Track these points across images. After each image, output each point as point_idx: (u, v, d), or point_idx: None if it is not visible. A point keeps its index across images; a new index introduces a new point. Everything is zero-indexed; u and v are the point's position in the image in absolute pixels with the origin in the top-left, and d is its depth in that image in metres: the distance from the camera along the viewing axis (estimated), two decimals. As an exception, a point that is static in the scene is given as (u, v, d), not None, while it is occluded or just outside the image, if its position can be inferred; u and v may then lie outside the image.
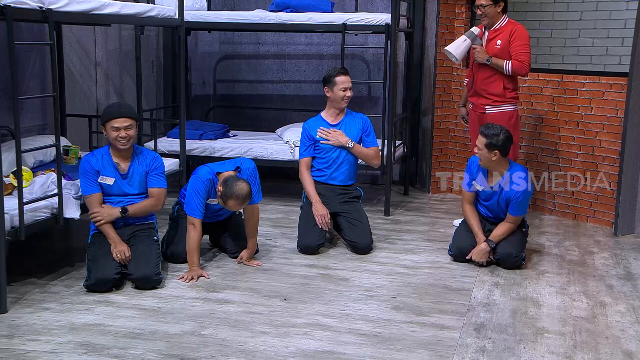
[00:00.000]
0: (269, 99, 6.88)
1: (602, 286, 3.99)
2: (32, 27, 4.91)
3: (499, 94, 4.77)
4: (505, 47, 4.68)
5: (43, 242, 4.53)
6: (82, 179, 3.82)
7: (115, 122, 3.76)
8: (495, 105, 4.80)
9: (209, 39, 6.88)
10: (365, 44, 6.28)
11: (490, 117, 4.76)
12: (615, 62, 5.36)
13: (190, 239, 3.94)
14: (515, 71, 4.68)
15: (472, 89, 4.94)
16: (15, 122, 3.40)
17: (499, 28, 4.74)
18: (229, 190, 3.86)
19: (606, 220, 5.22)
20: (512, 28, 4.69)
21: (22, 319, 3.34)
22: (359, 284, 3.92)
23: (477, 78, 4.84)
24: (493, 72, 4.75)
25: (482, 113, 4.86)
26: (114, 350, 3.02)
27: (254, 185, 4.09)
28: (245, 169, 4.13)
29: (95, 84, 5.78)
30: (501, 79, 4.74)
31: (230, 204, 3.90)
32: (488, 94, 4.80)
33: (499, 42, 4.71)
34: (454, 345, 3.17)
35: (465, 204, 4.39)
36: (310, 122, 4.66)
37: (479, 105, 4.88)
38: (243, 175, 4.09)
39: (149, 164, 3.93)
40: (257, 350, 3.06)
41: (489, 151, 4.11)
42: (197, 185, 3.98)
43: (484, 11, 4.69)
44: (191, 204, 3.96)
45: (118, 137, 3.77)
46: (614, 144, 5.13)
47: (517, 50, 4.65)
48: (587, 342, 3.23)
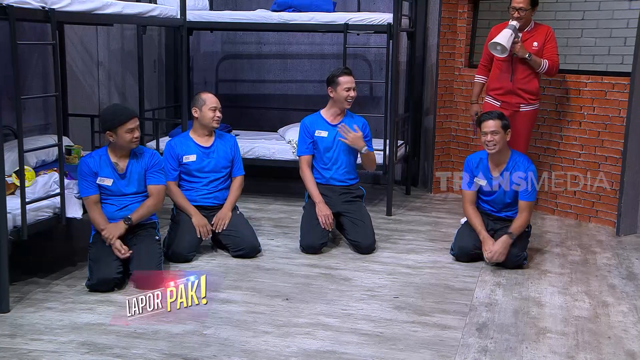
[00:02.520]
0: (271, 99, 6.88)
1: (605, 286, 3.98)
2: (34, 26, 4.91)
3: (535, 92, 4.95)
4: (541, 48, 4.85)
5: (45, 241, 4.53)
6: (80, 181, 3.84)
7: (130, 124, 3.80)
8: (530, 103, 4.96)
9: (211, 39, 6.88)
10: (367, 43, 6.28)
11: (523, 115, 4.95)
12: (617, 61, 5.34)
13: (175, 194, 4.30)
14: (549, 71, 4.87)
15: (499, 88, 4.97)
16: (18, 122, 3.41)
17: (531, 30, 4.88)
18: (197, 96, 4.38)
19: (608, 220, 5.22)
20: (546, 30, 4.88)
21: (25, 318, 3.35)
22: (361, 284, 3.92)
23: (516, 77, 4.89)
24: (530, 71, 4.87)
25: (515, 111, 4.93)
26: (116, 350, 3.02)
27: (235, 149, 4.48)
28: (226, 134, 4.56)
29: (98, 84, 5.78)
30: (536, 78, 4.92)
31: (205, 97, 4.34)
32: (525, 92, 4.91)
33: (535, 43, 4.85)
34: (456, 345, 3.16)
35: (466, 205, 4.38)
36: (310, 120, 4.64)
37: (513, 104, 4.94)
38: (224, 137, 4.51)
39: (147, 161, 3.96)
40: (259, 350, 3.06)
41: (505, 132, 4.20)
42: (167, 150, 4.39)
43: (522, 15, 4.77)
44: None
45: (133, 138, 3.82)
46: (617, 143, 5.12)
47: (552, 52, 4.87)
48: (589, 342, 3.22)
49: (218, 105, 4.36)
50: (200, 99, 4.36)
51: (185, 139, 4.43)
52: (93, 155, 3.93)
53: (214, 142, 4.43)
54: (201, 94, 4.42)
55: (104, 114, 3.97)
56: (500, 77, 4.96)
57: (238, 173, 4.51)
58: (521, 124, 4.95)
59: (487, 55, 5.05)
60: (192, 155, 4.36)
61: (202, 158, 4.36)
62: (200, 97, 4.38)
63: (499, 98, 5.00)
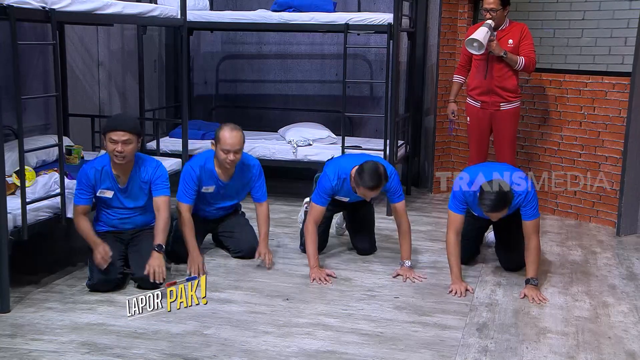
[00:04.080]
0: (271, 99, 6.87)
1: (605, 286, 3.98)
2: (34, 26, 4.91)
3: (513, 90, 4.96)
4: (517, 45, 4.87)
5: (45, 241, 4.53)
6: (77, 186, 3.71)
7: (114, 135, 3.60)
8: (510, 101, 4.96)
9: (211, 39, 6.88)
10: (367, 43, 6.27)
11: (505, 113, 4.96)
12: (618, 61, 5.34)
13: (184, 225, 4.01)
14: (526, 67, 4.88)
15: (477, 88, 5.00)
16: (18, 122, 3.40)
17: (505, 28, 4.92)
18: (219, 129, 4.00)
19: (609, 220, 5.21)
20: (521, 27, 4.91)
21: (25, 318, 3.35)
22: (361, 284, 3.92)
23: (491, 75, 4.91)
24: (507, 69, 4.89)
25: (495, 110, 4.96)
26: (117, 350, 3.02)
27: (258, 175, 4.24)
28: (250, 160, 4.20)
29: (98, 84, 5.78)
30: (514, 75, 4.93)
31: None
32: (504, 90, 4.93)
33: (510, 40, 4.88)
34: (456, 345, 3.16)
35: (451, 233, 3.83)
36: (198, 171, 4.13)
37: (493, 102, 4.96)
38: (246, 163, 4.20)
39: (152, 174, 3.81)
40: (260, 350, 3.06)
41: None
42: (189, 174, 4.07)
43: (493, 15, 4.81)
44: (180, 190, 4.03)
45: (115, 150, 3.61)
46: (617, 143, 5.12)
47: (528, 48, 4.88)
48: (589, 343, 3.22)
49: (233, 148, 3.94)
50: (217, 134, 3.99)
51: (210, 169, 4.10)
52: (95, 165, 3.75)
53: (234, 175, 4.18)
54: (221, 130, 3.98)
55: (109, 117, 3.91)
56: (477, 76, 5.01)
57: (263, 198, 4.21)
58: (504, 123, 4.99)
59: (466, 55, 5.10)
60: (211, 187, 4.15)
61: (218, 190, 4.21)
62: (217, 132, 3.99)
63: (477, 98, 5.04)
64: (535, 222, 3.77)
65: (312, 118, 6.43)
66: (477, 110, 5.05)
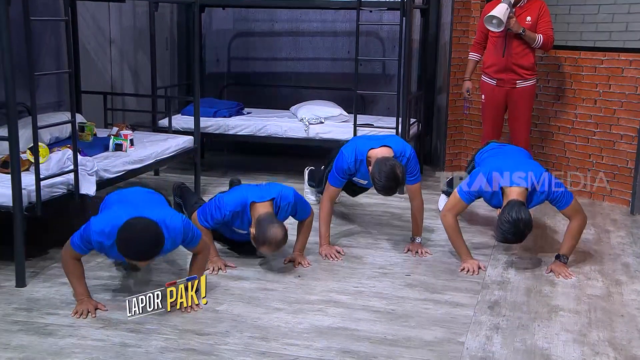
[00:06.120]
0: (283, 77, 6.85)
1: (618, 265, 3.97)
2: (47, 3, 4.91)
3: (530, 67, 4.96)
4: (535, 22, 4.86)
5: (59, 217, 4.57)
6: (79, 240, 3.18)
7: (137, 263, 3.20)
8: (526, 79, 4.96)
9: (223, 16, 6.84)
10: (380, 20, 6.22)
11: (520, 91, 4.96)
12: (635, 38, 5.26)
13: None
14: (544, 45, 4.88)
15: (493, 65, 4.98)
16: (32, 99, 3.42)
17: (524, 5, 4.89)
18: (261, 236, 3.45)
19: (622, 198, 5.18)
20: (539, 4, 4.89)
21: (41, 292, 3.39)
22: (372, 262, 3.93)
23: (509, 52, 4.89)
24: (524, 46, 4.87)
25: (512, 88, 4.97)
26: (130, 325, 3.05)
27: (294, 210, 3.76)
28: (283, 206, 3.67)
29: (110, 61, 5.78)
30: (531, 53, 4.92)
31: (263, 250, 3.54)
32: (520, 67, 4.92)
33: (528, 18, 4.86)
34: (468, 322, 3.17)
35: (452, 215, 3.82)
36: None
37: (509, 80, 4.97)
38: (280, 211, 3.67)
39: (179, 243, 3.26)
40: (271, 326, 3.08)
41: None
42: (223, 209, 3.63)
43: None
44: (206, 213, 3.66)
45: (136, 267, 3.50)
46: (633, 121, 5.06)
47: (546, 26, 4.87)
48: (602, 320, 3.22)
49: (270, 253, 3.67)
50: (261, 235, 3.47)
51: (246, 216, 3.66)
52: (109, 233, 3.08)
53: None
54: (265, 236, 3.46)
55: (122, 235, 3.02)
56: (494, 53, 4.98)
57: (303, 217, 3.87)
58: (519, 101, 4.98)
59: (482, 33, 5.08)
60: (245, 230, 3.75)
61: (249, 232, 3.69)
62: (261, 237, 3.47)
63: (494, 76, 5.02)
64: (570, 207, 3.76)
65: (324, 96, 6.40)
66: (492, 87, 5.02)
